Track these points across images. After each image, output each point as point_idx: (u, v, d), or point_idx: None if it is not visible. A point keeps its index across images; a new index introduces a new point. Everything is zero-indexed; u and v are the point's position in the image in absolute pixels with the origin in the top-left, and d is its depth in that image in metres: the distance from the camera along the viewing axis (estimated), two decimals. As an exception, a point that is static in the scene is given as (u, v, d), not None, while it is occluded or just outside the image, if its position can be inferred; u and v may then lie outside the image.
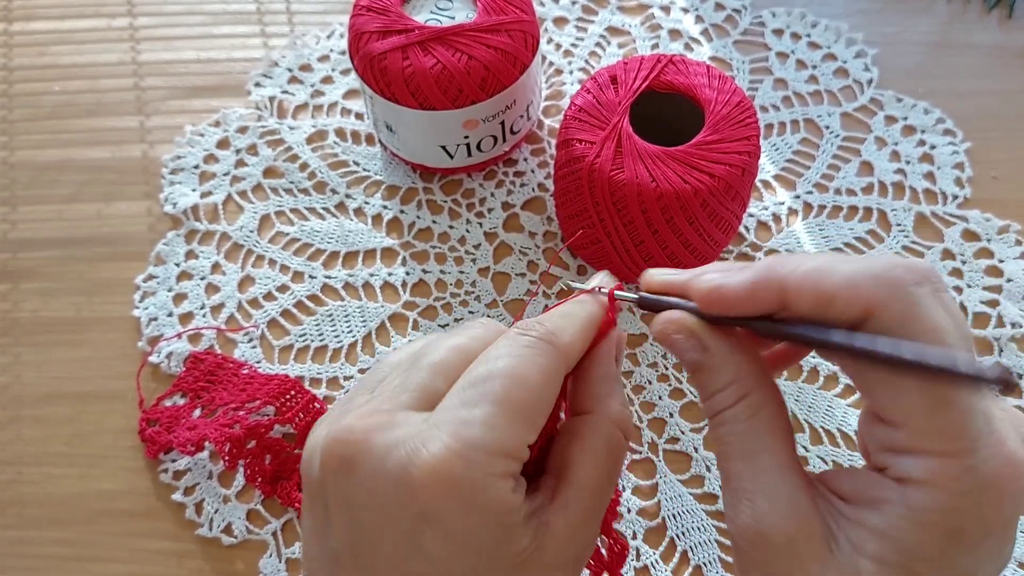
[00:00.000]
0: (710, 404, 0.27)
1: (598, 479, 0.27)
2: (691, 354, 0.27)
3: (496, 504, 0.24)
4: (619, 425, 0.27)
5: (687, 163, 0.44)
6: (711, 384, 0.26)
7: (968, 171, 0.55)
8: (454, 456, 0.23)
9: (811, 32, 0.61)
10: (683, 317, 0.27)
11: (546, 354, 0.26)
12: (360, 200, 0.55)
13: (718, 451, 0.27)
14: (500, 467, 0.24)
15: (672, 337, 0.27)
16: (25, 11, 0.65)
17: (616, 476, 0.28)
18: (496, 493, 0.24)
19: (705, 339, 0.26)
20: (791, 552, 0.24)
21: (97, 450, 0.48)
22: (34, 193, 0.57)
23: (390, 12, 0.49)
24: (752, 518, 0.25)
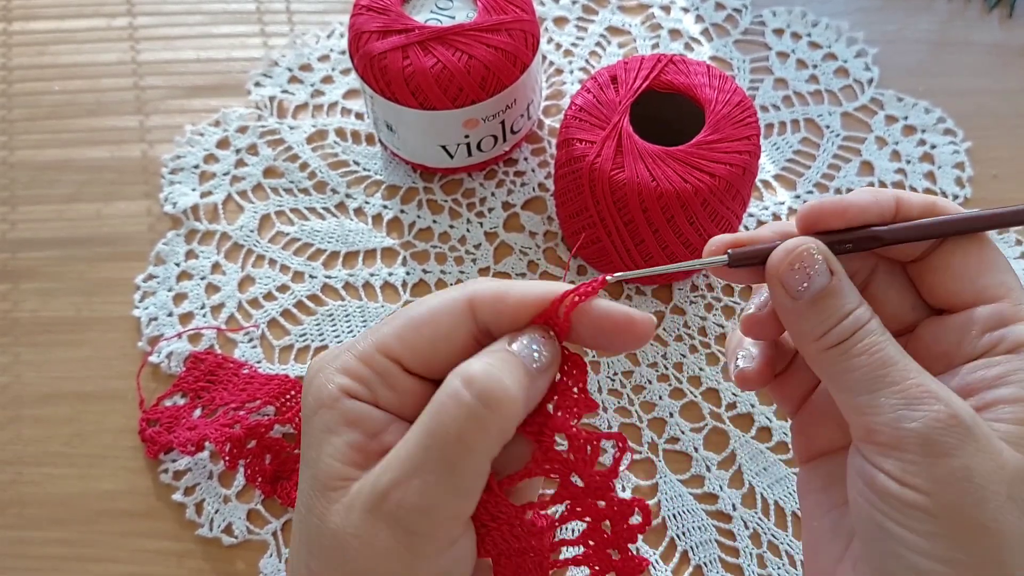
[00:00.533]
0: (841, 329, 0.27)
1: (423, 428, 0.24)
2: (821, 279, 0.27)
3: (317, 388, 0.25)
4: (461, 375, 0.24)
5: (687, 163, 0.44)
6: (841, 308, 0.27)
7: (969, 170, 0.55)
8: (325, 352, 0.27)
9: (811, 31, 0.61)
10: (812, 241, 0.27)
11: (451, 288, 0.27)
12: (360, 200, 0.55)
13: (864, 364, 0.26)
14: (339, 361, 0.26)
15: (815, 258, 0.27)
16: (25, 11, 0.65)
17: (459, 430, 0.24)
18: (323, 381, 0.25)
19: (832, 262, 0.27)
20: (981, 431, 0.25)
21: (97, 450, 0.48)
22: (34, 193, 0.57)
23: (390, 12, 0.49)
24: (944, 407, 0.25)
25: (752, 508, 0.45)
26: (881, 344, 0.26)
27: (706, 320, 0.50)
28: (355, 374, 0.26)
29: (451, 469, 0.24)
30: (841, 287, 0.27)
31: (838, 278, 0.27)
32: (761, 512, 0.45)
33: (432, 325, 0.26)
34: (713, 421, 0.48)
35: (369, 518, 0.24)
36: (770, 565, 0.44)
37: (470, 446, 0.24)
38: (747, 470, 0.46)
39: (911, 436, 0.25)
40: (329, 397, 0.25)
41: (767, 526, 0.45)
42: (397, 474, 0.24)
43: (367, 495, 0.24)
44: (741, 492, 0.45)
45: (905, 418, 0.25)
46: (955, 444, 0.24)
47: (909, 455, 0.25)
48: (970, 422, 0.25)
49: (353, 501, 0.24)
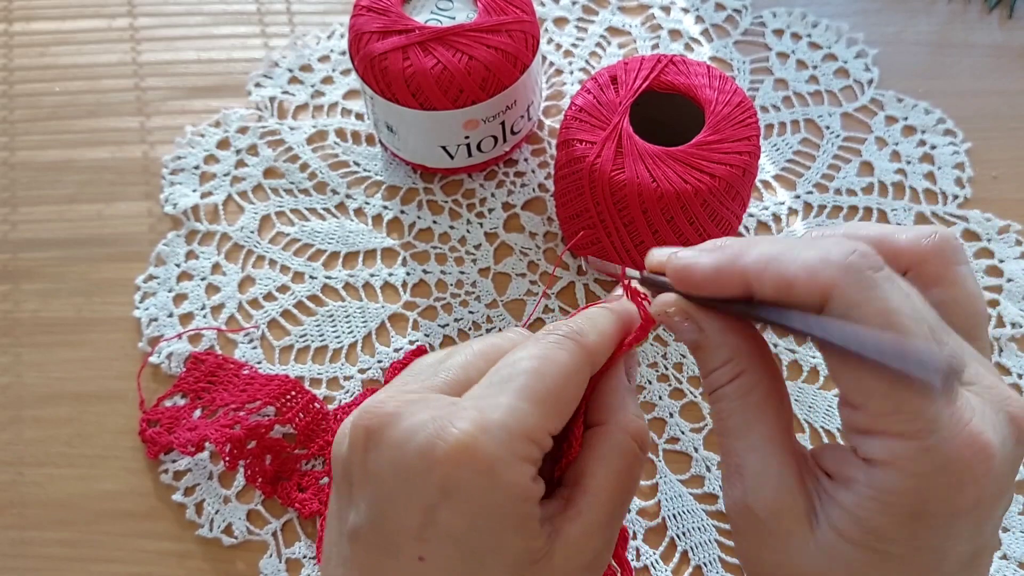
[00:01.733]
0: (708, 382, 0.27)
1: (611, 488, 0.27)
2: (688, 334, 0.27)
3: (514, 485, 0.25)
4: (632, 434, 0.28)
5: (687, 163, 0.44)
6: (708, 362, 0.27)
7: (968, 171, 0.55)
8: (479, 432, 0.24)
9: (812, 32, 0.61)
10: (676, 299, 0.28)
11: (570, 350, 0.27)
12: (360, 200, 0.55)
13: (716, 428, 0.27)
14: (522, 449, 0.25)
15: (669, 318, 0.28)
16: (25, 12, 0.65)
17: (631, 486, 0.28)
18: (515, 473, 0.25)
19: (699, 319, 0.27)
20: (775, 526, 0.25)
21: (98, 451, 0.48)
22: (35, 193, 0.57)
23: (390, 12, 0.49)
24: (741, 493, 0.26)
25: (752, 508, 0.45)
26: (727, 411, 0.27)
27: (706, 320, 0.50)
28: (536, 460, 0.26)
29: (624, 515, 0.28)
30: (707, 344, 0.27)
31: (705, 335, 0.27)
32: (761, 512, 0.45)
33: (575, 396, 0.27)
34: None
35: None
36: (770, 565, 0.44)
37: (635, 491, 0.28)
38: (747, 470, 0.46)
39: (726, 511, 0.27)
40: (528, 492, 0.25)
41: (767, 526, 0.45)
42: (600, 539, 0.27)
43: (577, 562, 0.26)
44: (741, 492, 0.45)
45: (724, 493, 0.27)
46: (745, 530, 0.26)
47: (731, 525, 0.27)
48: (761, 515, 0.25)
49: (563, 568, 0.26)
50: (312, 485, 0.45)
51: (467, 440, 0.24)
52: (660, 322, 0.28)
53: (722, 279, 0.26)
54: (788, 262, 0.24)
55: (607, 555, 0.28)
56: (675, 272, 0.27)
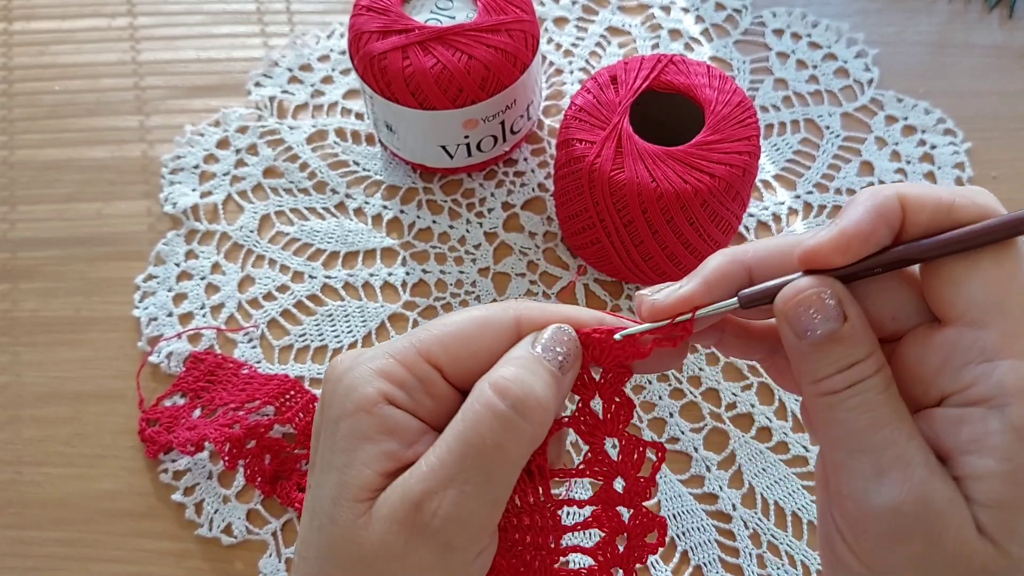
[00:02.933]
0: (843, 377, 0.24)
1: (457, 438, 0.24)
2: (827, 325, 0.24)
3: (353, 390, 0.25)
4: (494, 386, 0.24)
5: (687, 163, 0.44)
6: (846, 357, 0.24)
7: (968, 171, 0.55)
8: (353, 352, 0.26)
9: (812, 32, 0.61)
10: (827, 280, 0.25)
11: (497, 304, 0.27)
12: (360, 200, 0.55)
13: (852, 422, 0.24)
14: (379, 364, 0.25)
15: (822, 302, 0.24)
16: (25, 10, 0.65)
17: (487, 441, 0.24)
18: (361, 383, 0.25)
19: (848, 307, 0.24)
20: (952, 516, 0.23)
21: (97, 450, 0.48)
22: (34, 192, 0.57)
23: (390, 12, 0.49)
24: (914, 489, 0.23)
25: (752, 508, 0.45)
26: (874, 404, 0.24)
27: (706, 320, 0.50)
28: (397, 379, 0.25)
29: (488, 478, 0.24)
30: (851, 335, 0.24)
31: (850, 325, 0.24)
32: (761, 512, 0.45)
33: (479, 338, 0.26)
34: (713, 421, 0.48)
35: (403, 531, 0.23)
36: (770, 565, 0.44)
37: (507, 455, 0.24)
38: (747, 470, 0.46)
39: (872, 517, 0.23)
40: (368, 401, 0.24)
41: (767, 526, 0.45)
42: (431, 483, 0.23)
43: (399, 506, 0.24)
44: (741, 492, 0.45)
45: (871, 493, 0.23)
46: (918, 531, 0.23)
47: (868, 536, 0.24)
48: (939, 507, 0.23)
49: (382, 512, 0.24)
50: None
51: (339, 358, 0.26)
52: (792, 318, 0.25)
53: (879, 226, 0.24)
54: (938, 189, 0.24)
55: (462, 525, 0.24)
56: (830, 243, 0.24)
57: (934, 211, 0.24)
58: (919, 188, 0.24)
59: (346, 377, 0.25)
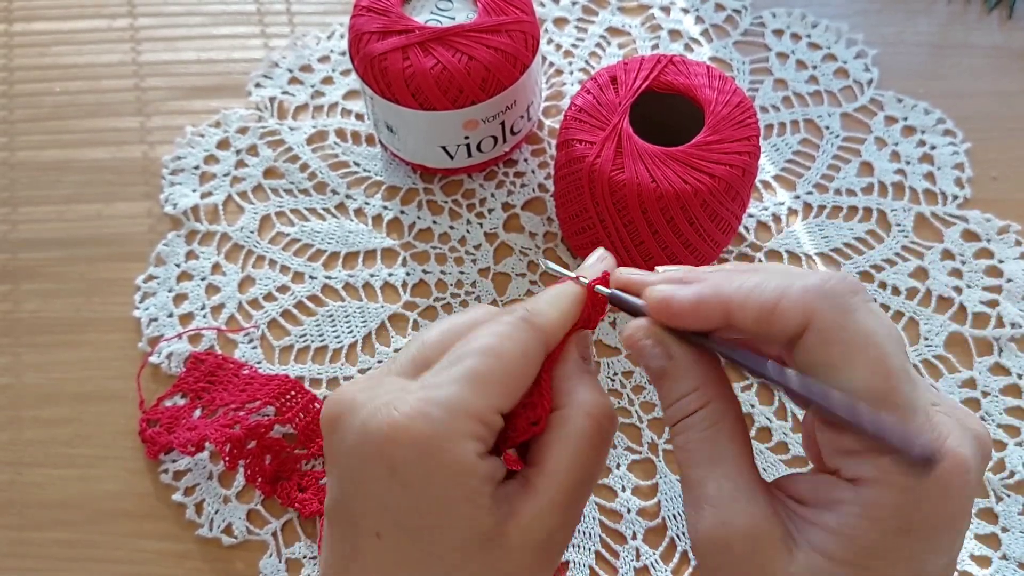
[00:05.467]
0: (672, 411, 0.27)
1: (568, 468, 0.27)
2: (656, 361, 0.27)
3: (457, 462, 0.25)
4: (591, 413, 0.27)
5: (687, 163, 0.44)
6: (673, 392, 0.27)
7: (968, 171, 0.55)
8: (418, 413, 0.25)
9: (811, 33, 0.61)
10: (648, 323, 0.28)
11: (523, 330, 0.27)
12: (360, 201, 0.55)
13: (679, 459, 0.27)
14: (463, 427, 0.25)
15: (639, 343, 0.28)
16: (26, 12, 0.65)
17: (592, 468, 0.28)
18: (457, 451, 0.25)
19: (670, 347, 0.27)
20: (753, 555, 0.25)
21: (97, 450, 0.48)
22: (35, 193, 0.57)
23: (390, 13, 0.49)
24: (715, 523, 0.26)
25: (752, 508, 0.45)
26: (693, 443, 0.27)
27: (706, 321, 0.50)
28: (483, 438, 0.26)
29: (587, 498, 0.28)
30: (674, 373, 0.27)
31: (675, 361, 0.27)
32: (761, 512, 0.45)
33: (528, 376, 0.27)
34: (713, 421, 0.48)
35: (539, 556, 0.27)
36: (770, 565, 0.44)
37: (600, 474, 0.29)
38: (747, 470, 0.46)
39: (695, 544, 0.26)
40: (470, 467, 0.26)
41: (767, 526, 0.45)
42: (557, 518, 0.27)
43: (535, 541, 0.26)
44: (741, 492, 0.45)
45: (691, 524, 0.26)
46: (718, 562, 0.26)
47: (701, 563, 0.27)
48: (737, 544, 0.25)
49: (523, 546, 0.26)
50: (312, 485, 0.45)
51: (406, 421, 0.25)
52: (627, 347, 0.28)
53: (703, 310, 0.26)
54: (770, 290, 0.25)
55: (565, 537, 0.28)
56: (656, 304, 0.27)
57: (757, 315, 0.25)
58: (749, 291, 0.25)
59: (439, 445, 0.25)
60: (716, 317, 0.26)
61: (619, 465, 0.46)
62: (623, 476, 0.46)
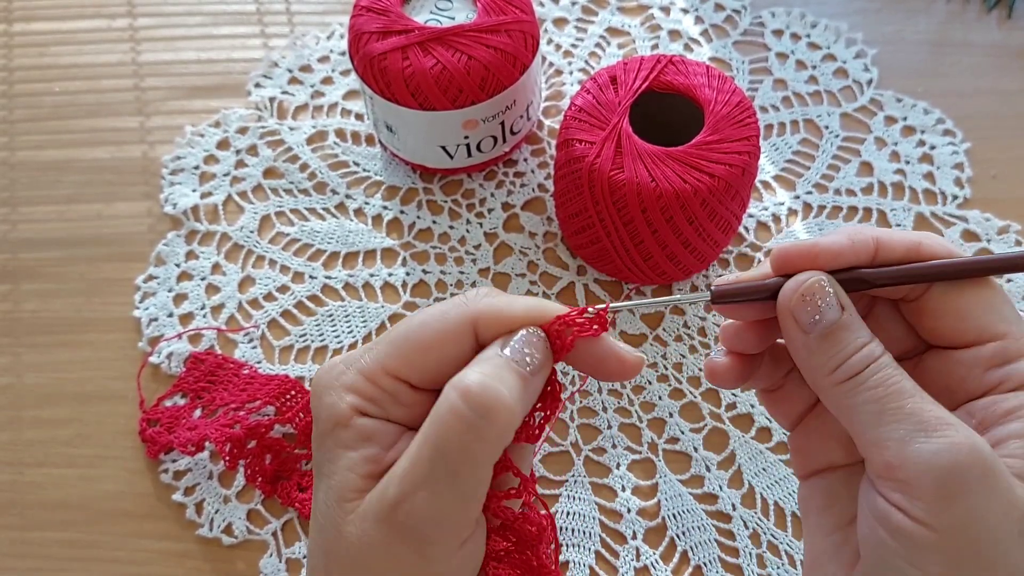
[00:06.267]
0: (855, 360, 0.26)
1: (426, 438, 0.25)
2: (832, 313, 0.27)
3: (328, 407, 0.26)
4: (457, 387, 0.25)
5: (687, 163, 0.44)
6: (853, 340, 0.27)
7: (968, 171, 0.55)
8: (327, 363, 0.27)
9: (811, 32, 0.61)
10: (822, 274, 0.27)
11: (453, 305, 0.27)
12: (360, 200, 0.55)
13: (880, 397, 0.26)
14: (347, 379, 0.26)
15: (826, 291, 0.27)
16: (26, 12, 0.65)
17: (457, 445, 0.24)
18: (333, 397, 0.26)
19: (842, 297, 0.27)
20: (995, 475, 0.24)
21: (98, 450, 0.48)
22: (35, 193, 0.57)
23: (390, 13, 0.49)
24: (965, 441, 0.24)
25: (752, 508, 0.45)
26: (896, 377, 0.26)
27: (706, 320, 0.50)
28: (364, 394, 0.26)
29: (455, 478, 0.25)
30: (852, 322, 0.27)
31: (849, 312, 0.27)
32: (761, 512, 0.45)
33: (437, 348, 0.27)
34: (713, 421, 0.48)
35: (382, 527, 0.25)
36: (770, 565, 0.44)
37: (472, 456, 0.25)
38: (747, 470, 0.46)
39: (929, 471, 0.24)
40: (343, 416, 0.26)
41: (767, 526, 0.45)
42: (404, 487, 0.25)
43: (376, 506, 0.25)
44: (741, 492, 0.46)
45: (922, 451, 0.24)
46: (972, 482, 0.24)
47: (926, 493, 0.24)
48: (987, 456, 0.24)
49: (366, 512, 0.25)
50: (312, 485, 0.45)
51: (317, 373, 0.27)
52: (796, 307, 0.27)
53: (858, 247, 0.27)
54: (911, 233, 0.28)
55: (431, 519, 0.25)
56: (797, 254, 0.27)
57: (906, 249, 0.27)
58: (894, 231, 0.28)
59: (323, 395, 0.27)
60: (867, 252, 0.27)
61: (619, 465, 0.46)
62: (623, 476, 0.46)
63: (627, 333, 0.50)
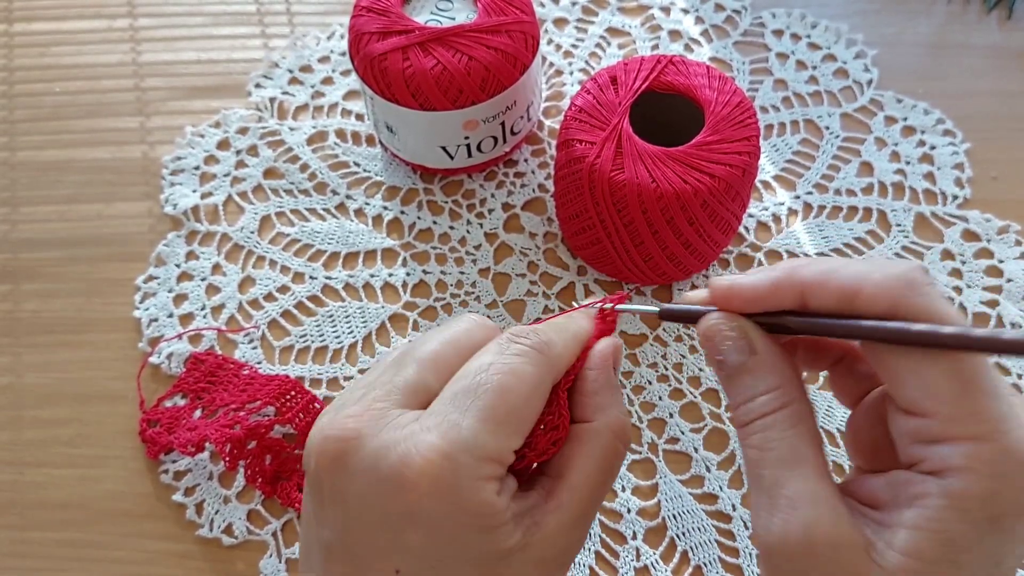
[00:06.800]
0: (748, 409, 0.26)
1: (593, 483, 0.28)
2: (736, 356, 0.27)
3: (479, 506, 0.25)
4: (617, 434, 0.28)
5: (687, 163, 0.44)
6: (753, 388, 0.26)
7: (968, 171, 0.55)
8: (443, 459, 0.25)
9: (811, 33, 0.61)
10: (736, 317, 0.27)
11: (535, 363, 0.27)
12: (361, 201, 0.55)
13: (753, 458, 0.26)
14: (486, 471, 0.25)
15: (723, 334, 0.27)
16: (26, 12, 0.65)
17: (611, 483, 0.28)
18: (480, 496, 0.25)
19: (755, 340, 0.27)
20: (836, 561, 0.24)
21: (98, 451, 0.48)
22: (35, 194, 0.57)
23: (390, 13, 0.49)
24: (796, 526, 0.24)
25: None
26: (773, 442, 0.26)
27: (706, 321, 0.50)
28: (501, 477, 0.26)
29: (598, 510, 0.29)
30: (756, 368, 0.26)
31: (759, 358, 0.26)
32: (761, 512, 0.45)
33: (536, 411, 0.27)
34: (713, 421, 0.48)
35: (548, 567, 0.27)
36: (770, 565, 0.44)
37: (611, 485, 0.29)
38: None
39: (768, 550, 0.25)
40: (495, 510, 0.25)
41: (767, 526, 0.45)
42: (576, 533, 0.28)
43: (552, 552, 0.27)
44: (741, 492, 0.46)
45: (763, 527, 0.25)
46: (797, 567, 0.25)
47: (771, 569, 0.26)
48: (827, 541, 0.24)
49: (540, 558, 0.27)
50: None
51: (431, 468, 0.25)
52: (706, 341, 0.27)
53: (779, 292, 0.26)
54: (849, 274, 0.25)
55: (578, 549, 0.29)
56: (727, 288, 0.27)
57: (839, 298, 0.25)
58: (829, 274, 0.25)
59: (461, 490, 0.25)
60: (791, 298, 0.26)
61: (619, 465, 0.46)
62: (623, 476, 0.46)
63: (627, 333, 0.50)
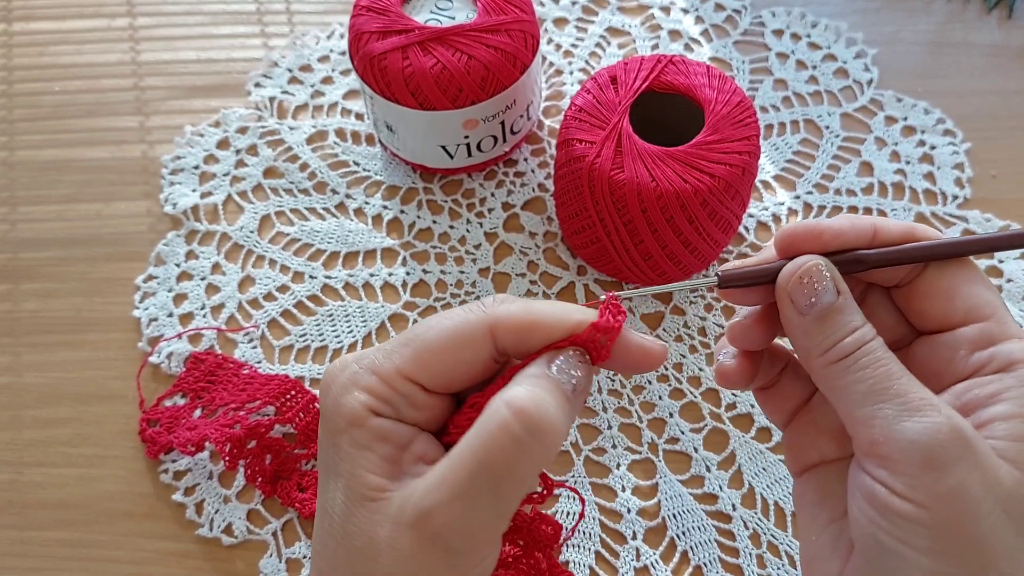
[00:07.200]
0: (843, 345, 0.27)
1: (473, 456, 0.25)
2: (829, 296, 0.28)
3: (342, 405, 0.26)
4: (511, 403, 0.25)
5: (687, 163, 0.44)
6: (845, 325, 0.28)
7: (968, 171, 0.55)
8: (338, 362, 0.27)
9: (811, 32, 0.61)
10: (820, 258, 0.28)
11: (468, 309, 0.27)
12: (360, 200, 0.55)
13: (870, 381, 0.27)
14: (360, 379, 0.26)
15: (823, 274, 0.28)
16: (25, 11, 0.65)
17: (503, 461, 0.24)
18: (347, 397, 0.26)
19: (839, 281, 0.28)
20: (976, 452, 0.25)
21: (98, 450, 0.48)
22: (34, 193, 0.57)
23: (390, 12, 0.49)
24: (945, 419, 0.25)
25: (752, 508, 0.45)
26: (885, 360, 0.27)
27: (706, 320, 0.50)
28: (379, 395, 0.26)
29: (497, 495, 0.25)
30: (847, 306, 0.28)
31: (844, 296, 0.28)
32: (761, 512, 0.45)
33: (453, 352, 0.27)
34: (713, 421, 0.48)
35: (413, 534, 0.25)
36: (770, 565, 0.44)
37: (516, 473, 0.25)
38: (747, 470, 0.46)
39: (912, 448, 0.25)
40: (358, 416, 0.26)
41: (767, 526, 0.45)
42: (443, 495, 0.25)
43: (411, 512, 0.25)
44: (741, 492, 0.46)
45: (907, 429, 0.25)
46: (955, 458, 0.25)
47: (910, 468, 0.25)
48: (970, 435, 0.25)
49: (398, 516, 0.25)
50: (312, 485, 0.45)
51: (328, 369, 0.28)
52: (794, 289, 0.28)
53: (857, 229, 0.29)
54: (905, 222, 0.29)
55: (463, 530, 0.25)
56: (803, 234, 0.29)
57: (900, 234, 0.29)
58: (889, 219, 0.30)
59: (336, 394, 0.27)
60: (867, 234, 0.29)
61: (619, 465, 0.46)
62: (623, 476, 0.46)
63: (627, 333, 0.50)
